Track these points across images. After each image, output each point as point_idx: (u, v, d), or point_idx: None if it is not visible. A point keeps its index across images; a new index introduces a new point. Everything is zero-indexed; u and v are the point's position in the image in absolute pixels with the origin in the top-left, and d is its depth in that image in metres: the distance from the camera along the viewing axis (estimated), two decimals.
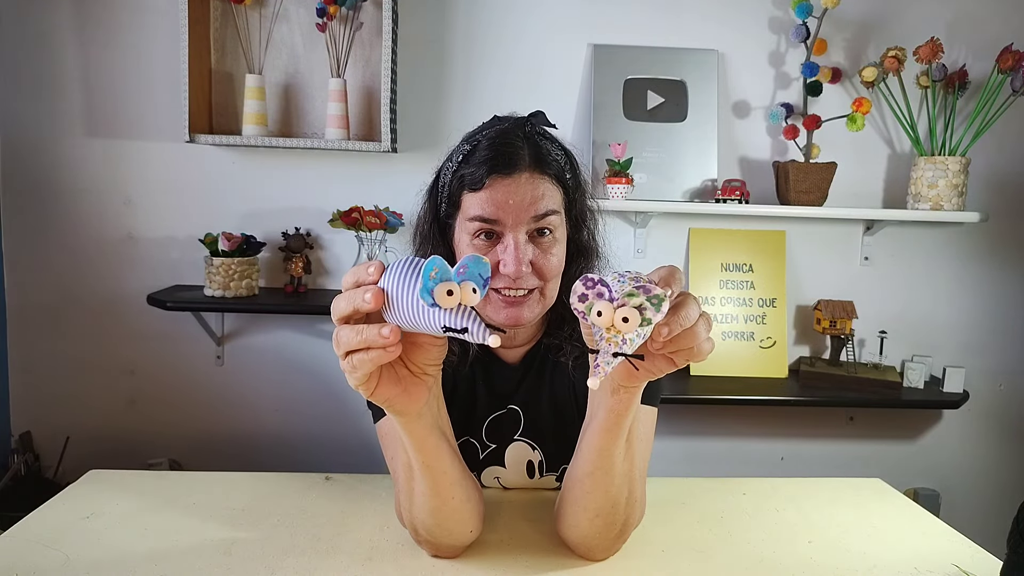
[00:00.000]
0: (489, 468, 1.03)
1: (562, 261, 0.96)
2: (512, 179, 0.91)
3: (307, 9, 1.89)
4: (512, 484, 1.03)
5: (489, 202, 0.90)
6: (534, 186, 0.91)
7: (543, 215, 0.91)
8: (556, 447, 1.02)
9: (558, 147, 0.98)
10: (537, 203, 0.91)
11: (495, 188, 0.90)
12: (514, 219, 0.90)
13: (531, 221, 0.91)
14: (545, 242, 0.93)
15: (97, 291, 1.97)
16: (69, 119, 1.91)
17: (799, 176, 1.90)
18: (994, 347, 2.14)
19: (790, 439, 2.15)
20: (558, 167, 0.95)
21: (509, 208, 0.90)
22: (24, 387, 2.00)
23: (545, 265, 0.93)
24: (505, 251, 0.90)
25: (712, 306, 2.05)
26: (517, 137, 0.94)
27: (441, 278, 0.54)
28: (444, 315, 0.55)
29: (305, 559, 0.82)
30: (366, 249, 1.86)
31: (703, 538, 0.91)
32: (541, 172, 0.92)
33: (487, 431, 1.02)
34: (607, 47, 1.97)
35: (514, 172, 0.91)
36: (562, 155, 0.97)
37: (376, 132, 1.93)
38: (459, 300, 0.55)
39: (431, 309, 0.54)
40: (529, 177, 0.91)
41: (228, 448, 2.04)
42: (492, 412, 1.02)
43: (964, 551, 0.90)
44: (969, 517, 2.12)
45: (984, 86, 1.90)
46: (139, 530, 0.87)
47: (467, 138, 0.98)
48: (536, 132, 0.96)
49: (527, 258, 0.90)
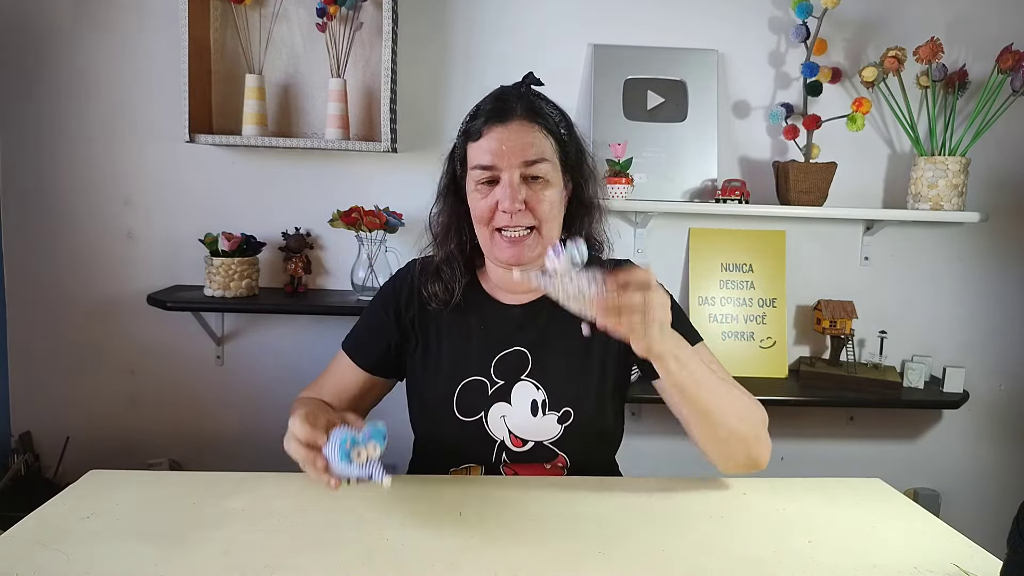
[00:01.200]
0: (496, 405, 1.11)
1: (555, 204, 1.08)
2: (506, 126, 1.04)
3: (307, 9, 1.89)
4: (516, 424, 1.11)
5: (486, 150, 1.04)
6: (525, 132, 1.05)
7: (533, 161, 1.04)
8: (560, 388, 1.12)
9: (552, 106, 1.11)
10: (528, 149, 1.04)
11: (491, 135, 1.04)
12: (507, 162, 1.03)
13: (523, 166, 1.04)
14: (537, 185, 1.06)
15: (97, 291, 1.97)
16: (69, 119, 1.91)
17: (799, 176, 1.90)
18: (994, 347, 2.14)
19: (790, 439, 2.15)
20: (551, 121, 1.09)
21: (503, 153, 1.03)
22: (24, 387, 2.00)
23: (538, 204, 1.05)
24: (501, 190, 1.04)
25: (712, 306, 2.05)
26: (512, 94, 1.09)
27: (352, 445, 0.81)
28: (356, 468, 0.82)
29: (305, 559, 0.82)
30: (366, 249, 1.86)
31: (703, 538, 0.91)
32: (532, 121, 1.06)
33: (495, 369, 1.12)
34: (607, 47, 1.97)
35: (508, 120, 1.05)
36: (556, 113, 1.11)
37: (376, 132, 1.93)
38: (367, 456, 0.81)
39: (349, 465, 0.82)
40: (520, 124, 1.05)
41: (228, 448, 2.04)
42: (497, 352, 1.13)
43: (964, 551, 0.90)
44: (969, 517, 2.12)
45: (984, 86, 1.90)
46: (139, 530, 0.87)
47: (474, 107, 1.13)
48: (531, 92, 1.10)
49: (520, 196, 1.03)
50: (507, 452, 1.12)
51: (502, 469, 1.12)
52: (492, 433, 1.12)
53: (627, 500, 1.02)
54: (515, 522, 0.93)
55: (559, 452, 1.12)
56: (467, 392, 1.12)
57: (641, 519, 0.96)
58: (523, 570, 0.81)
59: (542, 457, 1.12)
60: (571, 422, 1.12)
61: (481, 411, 1.12)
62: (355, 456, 0.80)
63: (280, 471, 1.08)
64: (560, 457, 1.13)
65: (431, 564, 0.81)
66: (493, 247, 1.09)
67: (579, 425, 1.12)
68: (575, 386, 1.13)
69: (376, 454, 0.81)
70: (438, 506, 0.97)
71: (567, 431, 1.12)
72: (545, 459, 1.12)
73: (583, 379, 1.13)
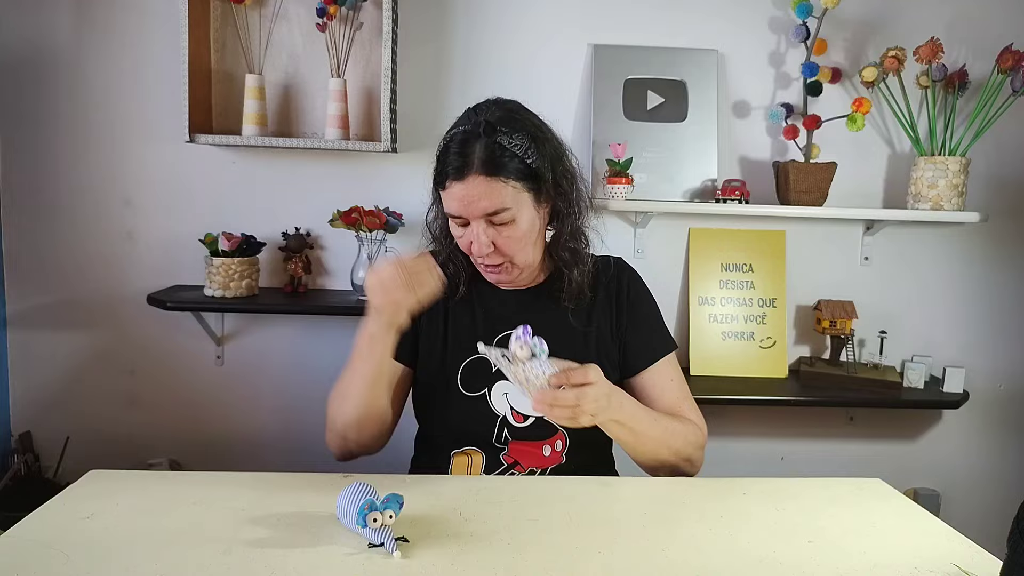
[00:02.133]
0: (499, 383, 1.18)
1: (524, 236, 1.14)
2: (464, 183, 1.08)
3: (307, 9, 1.89)
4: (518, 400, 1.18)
5: (451, 201, 1.11)
6: (485, 188, 1.08)
7: (493, 212, 1.09)
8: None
9: (519, 137, 1.11)
10: (485, 204, 1.09)
11: (453, 190, 1.10)
12: (471, 214, 1.10)
13: (483, 220, 1.10)
14: (504, 228, 1.12)
15: (97, 291, 1.97)
16: (69, 119, 1.91)
17: (799, 176, 1.90)
18: (994, 347, 2.14)
19: (790, 439, 2.15)
20: (514, 164, 1.10)
21: (464, 208, 1.10)
22: (24, 387, 2.00)
23: (503, 245, 1.13)
24: (471, 234, 1.12)
25: (712, 306, 2.05)
26: (474, 140, 1.09)
27: (370, 510, 0.84)
28: (369, 532, 0.84)
29: (305, 559, 0.82)
30: (366, 249, 1.86)
31: (703, 538, 0.91)
32: (488, 174, 1.08)
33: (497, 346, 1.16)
34: (607, 47, 1.97)
35: (464, 177, 1.08)
36: (522, 143, 1.11)
37: (376, 132, 1.93)
38: (382, 523, 0.84)
39: (363, 528, 0.84)
40: (479, 181, 1.08)
41: (228, 448, 2.04)
42: (499, 332, 1.20)
43: (964, 551, 0.90)
44: (969, 517, 2.12)
45: (984, 86, 1.90)
46: (139, 530, 0.87)
47: (450, 128, 1.15)
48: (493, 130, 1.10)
49: (486, 241, 1.11)
50: (508, 428, 1.17)
51: (505, 445, 1.17)
52: (495, 408, 1.18)
53: (627, 500, 1.03)
54: (515, 522, 0.93)
55: (559, 428, 1.18)
56: (471, 369, 1.19)
57: (641, 519, 0.96)
58: (523, 570, 0.81)
59: (542, 434, 1.18)
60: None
61: (485, 387, 1.18)
62: (371, 521, 0.83)
63: (280, 471, 1.08)
64: (559, 434, 1.18)
65: (431, 564, 0.82)
66: (480, 268, 1.20)
67: None
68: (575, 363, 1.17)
69: (391, 522, 0.85)
70: (438, 506, 0.97)
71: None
72: (545, 435, 1.18)
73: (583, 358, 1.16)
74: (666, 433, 1.14)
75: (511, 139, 1.10)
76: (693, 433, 1.19)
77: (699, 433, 1.22)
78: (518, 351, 0.97)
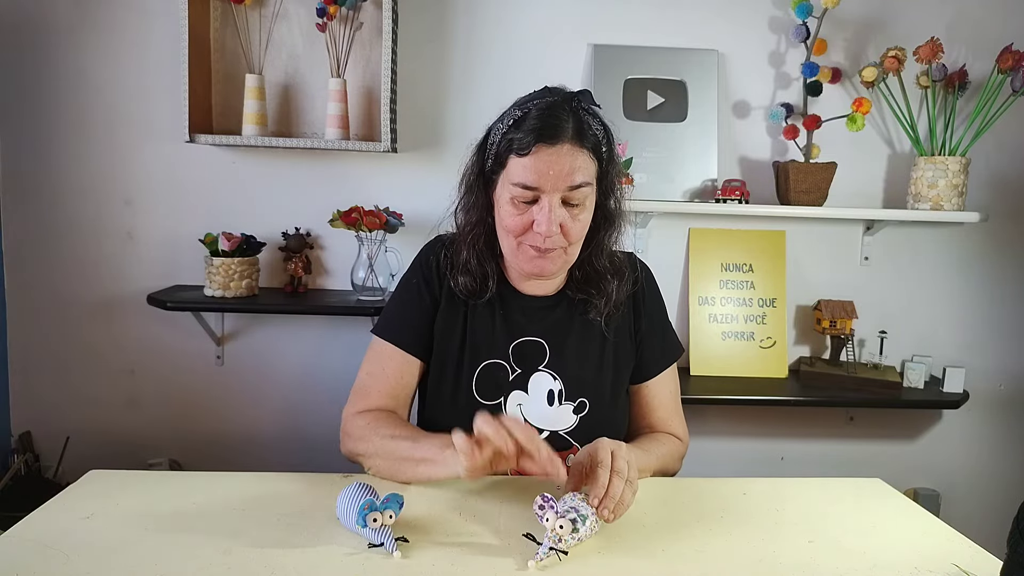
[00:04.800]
0: (514, 393, 1.14)
1: (587, 226, 1.09)
2: (555, 149, 1.02)
3: (307, 9, 1.89)
4: (532, 413, 1.14)
5: (532, 169, 1.02)
6: (573, 157, 1.03)
7: (577, 186, 1.03)
8: (576, 379, 1.15)
9: (598, 122, 1.10)
10: (574, 174, 1.03)
11: (539, 156, 1.02)
12: (552, 186, 1.02)
13: (566, 190, 1.03)
14: (575, 209, 1.06)
15: (97, 291, 1.97)
16: (69, 119, 1.91)
17: (799, 176, 1.90)
18: (994, 347, 2.14)
19: (790, 439, 2.15)
20: (596, 140, 1.08)
21: (549, 177, 1.02)
22: (24, 387, 2.00)
23: (572, 229, 1.06)
24: (540, 212, 1.03)
25: (712, 306, 2.05)
26: (563, 110, 1.04)
27: (371, 510, 0.83)
28: (369, 533, 0.84)
29: (305, 559, 0.82)
30: (366, 249, 1.86)
31: (703, 538, 0.91)
32: (580, 144, 1.04)
33: (513, 355, 1.15)
34: (607, 47, 1.97)
35: (557, 142, 1.02)
36: (601, 130, 1.10)
37: (376, 132, 1.93)
38: (382, 523, 0.84)
39: (363, 529, 0.84)
40: (570, 148, 1.02)
41: (228, 448, 2.04)
42: (516, 338, 1.16)
43: (964, 551, 0.90)
44: (969, 517, 2.12)
45: (984, 86, 1.90)
46: (139, 530, 0.87)
47: (519, 103, 1.08)
48: (581, 107, 1.07)
49: (558, 220, 1.03)
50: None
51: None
52: None
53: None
54: (515, 522, 0.93)
55: (573, 442, 1.14)
56: (487, 374, 1.14)
57: (641, 519, 0.96)
58: (523, 570, 0.81)
59: (557, 447, 1.11)
60: (586, 413, 1.15)
61: (501, 396, 1.14)
62: (371, 521, 0.83)
63: (280, 471, 1.08)
64: (575, 448, 1.14)
65: (431, 564, 0.82)
66: (519, 256, 1.09)
67: (594, 416, 1.15)
68: (591, 378, 1.16)
69: (391, 523, 0.85)
70: (438, 506, 0.97)
71: (582, 421, 1.14)
72: (560, 449, 1.12)
73: (599, 372, 1.17)
74: (659, 462, 1.15)
75: (593, 122, 1.08)
76: (677, 451, 1.21)
77: (682, 448, 1.23)
78: (553, 525, 0.83)
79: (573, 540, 0.83)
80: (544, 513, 0.83)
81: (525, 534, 0.86)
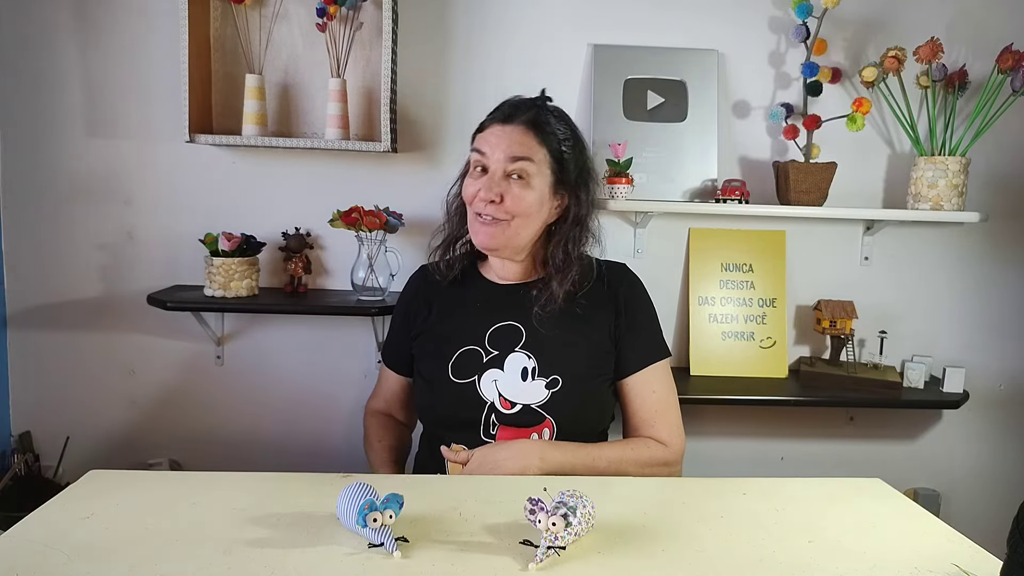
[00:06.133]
0: (490, 371, 1.23)
1: (530, 207, 1.19)
2: (506, 127, 1.18)
3: (307, 9, 1.89)
4: (506, 388, 1.23)
5: (483, 140, 1.20)
6: (521, 136, 1.17)
7: (517, 158, 1.16)
8: (552, 358, 1.24)
9: (564, 124, 1.23)
10: (515, 147, 1.17)
11: (492, 130, 1.19)
12: (495, 156, 1.17)
13: (507, 161, 1.17)
14: (517, 183, 1.18)
15: (97, 291, 1.97)
16: (69, 119, 1.91)
17: (799, 176, 1.90)
18: (994, 347, 2.14)
19: (790, 439, 2.15)
20: (555, 137, 1.20)
21: (494, 145, 1.17)
22: (24, 387, 1.99)
23: (509, 200, 1.18)
24: (484, 179, 1.19)
25: (712, 306, 2.05)
26: (528, 105, 1.22)
27: (370, 510, 0.84)
28: (369, 532, 0.84)
29: (305, 559, 0.82)
30: (366, 249, 1.86)
31: (703, 538, 0.91)
32: (532, 130, 1.18)
33: (490, 339, 1.26)
34: (607, 47, 1.97)
35: (510, 123, 1.18)
36: (564, 130, 1.22)
37: (376, 132, 1.93)
38: (382, 523, 0.84)
39: (363, 528, 0.84)
40: (521, 130, 1.18)
41: (228, 448, 2.04)
42: (492, 324, 1.26)
43: (964, 551, 0.90)
44: (969, 517, 2.12)
45: (984, 86, 1.90)
46: (139, 530, 0.87)
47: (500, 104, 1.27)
48: (545, 107, 1.23)
49: (496, 189, 1.17)
50: (496, 414, 1.22)
51: (494, 431, 1.22)
52: (483, 395, 1.22)
53: (627, 500, 1.02)
54: (515, 522, 0.93)
55: (546, 416, 1.21)
56: (463, 359, 1.25)
57: (641, 519, 0.96)
58: (523, 570, 0.81)
59: (530, 421, 1.22)
60: (559, 388, 1.22)
61: (474, 375, 1.23)
62: (371, 521, 0.84)
63: (280, 471, 1.08)
64: (547, 421, 1.22)
65: (431, 564, 0.82)
66: (473, 226, 1.24)
67: (566, 391, 1.22)
68: (566, 355, 1.24)
69: (391, 523, 0.85)
70: (438, 506, 0.97)
71: (553, 396, 1.21)
72: (532, 423, 1.21)
73: (575, 348, 1.25)
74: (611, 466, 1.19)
75: (557, 124, 1.21)
76: (652, 456, 1.23)
77: (664, 453, 1.25)
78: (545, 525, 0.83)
79: (569, 535, 0.84)
80: (536, 516, 0.85)
81: (522, 541, 0.86)
